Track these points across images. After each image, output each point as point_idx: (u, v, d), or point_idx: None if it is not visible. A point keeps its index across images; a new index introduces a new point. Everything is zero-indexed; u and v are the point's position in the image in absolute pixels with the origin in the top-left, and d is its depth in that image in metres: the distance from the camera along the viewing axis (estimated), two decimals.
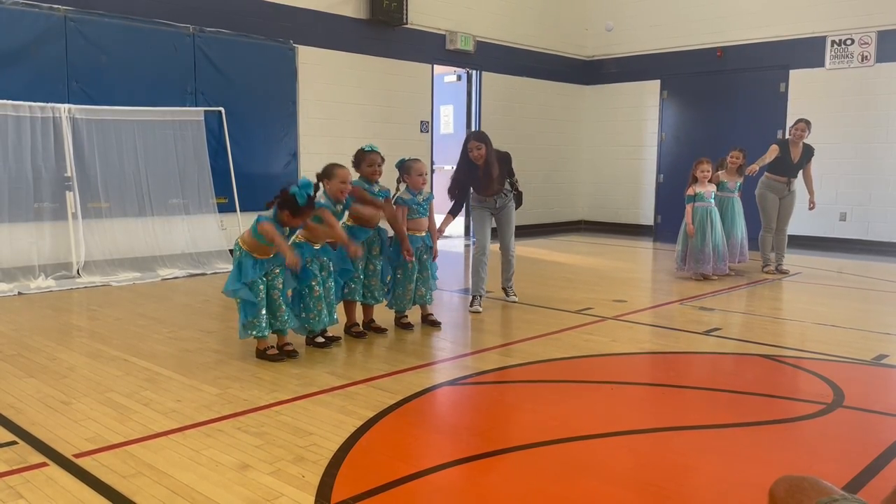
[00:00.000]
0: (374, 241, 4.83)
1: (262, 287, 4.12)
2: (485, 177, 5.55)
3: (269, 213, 4.06)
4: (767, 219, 7.69)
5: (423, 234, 5.02)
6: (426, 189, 5.06)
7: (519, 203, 5.93)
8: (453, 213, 5.65)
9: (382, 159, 4.79)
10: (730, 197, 7.54)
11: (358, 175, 4.75)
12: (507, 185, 5.78)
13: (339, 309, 4.72)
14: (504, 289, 6.05)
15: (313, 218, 4.22)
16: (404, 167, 4.97)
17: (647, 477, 2.69)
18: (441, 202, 5.69)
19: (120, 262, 7.16)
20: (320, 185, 4.27)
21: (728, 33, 10.89)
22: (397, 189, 4.98)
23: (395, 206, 4.88)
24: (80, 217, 6.95)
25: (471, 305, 5.72)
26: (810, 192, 7.73)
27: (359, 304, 4.89)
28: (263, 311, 4.13)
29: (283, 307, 4.23)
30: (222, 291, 4.26)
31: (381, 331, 4.91)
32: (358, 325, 4.86)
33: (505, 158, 5.71)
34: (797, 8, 10.22)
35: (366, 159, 4.74)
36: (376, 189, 4.75)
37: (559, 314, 5.58)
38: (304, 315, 4.39)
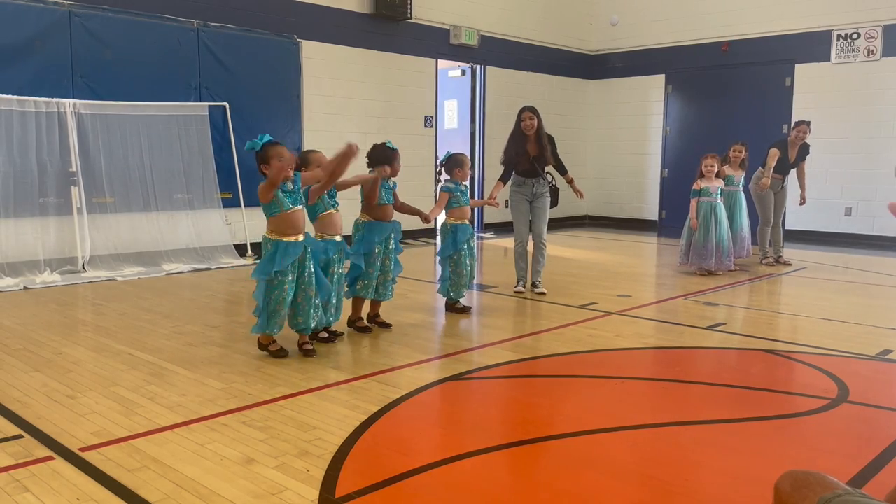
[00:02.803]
0: (392, 235, 4.77)
1: (287, 286, 4.01)
2: (537, 146, 5.88)
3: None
4: (767, 213, 7.86)
5: (467, 221, 5.29)
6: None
7: (555, 201, 6.20)
8: (503, 180, 6.04)
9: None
10: (736, 191, 7.63)
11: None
12: (547, 171, 6.07)
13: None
14: (533, 282, 6.20)
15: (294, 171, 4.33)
16: (457, 161, 5.29)
17: (651, 471, 2.69)
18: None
19: (125, 256, 7.18)
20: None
21: (733, 27, 10.85)
22: (439, 180, 5.19)
23: (439, 193, 5.24)
24: (85, 212, 6.97)
25: (515, 286, 6.16)
26: (802, 188, 7.94)
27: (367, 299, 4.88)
28: (286, 310, 4.07)
29: (313, 310, 4.14)
30: (251, 276, 4.14)
31: (385, 325, 4.91)
32: (362, 319, 4.86)
33: (550, 139, 6.06)
34: (802, 2, 10.17)
35: (393, 156, 4.75)
36: (391, 183, 4.83)
37: (563, 309, 5.58)
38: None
